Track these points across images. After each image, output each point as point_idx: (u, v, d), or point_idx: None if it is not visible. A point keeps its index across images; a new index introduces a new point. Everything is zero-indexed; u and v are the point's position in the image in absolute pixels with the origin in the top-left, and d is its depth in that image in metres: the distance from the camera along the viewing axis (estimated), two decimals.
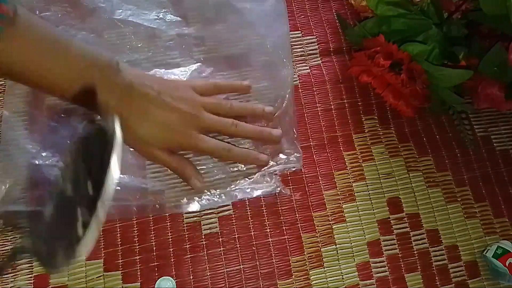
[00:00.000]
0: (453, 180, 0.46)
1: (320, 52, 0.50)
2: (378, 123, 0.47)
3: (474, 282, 0.43)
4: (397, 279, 0.42)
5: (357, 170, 0.45)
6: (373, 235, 0.43)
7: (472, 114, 0.49)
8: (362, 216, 0.43)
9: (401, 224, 0.44)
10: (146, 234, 0.41)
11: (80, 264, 0.39)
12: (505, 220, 0.45)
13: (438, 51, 0.43)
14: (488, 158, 0.47)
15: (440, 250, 0.43)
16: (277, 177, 0.43)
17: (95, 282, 0.39)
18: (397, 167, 0.46)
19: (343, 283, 0.41)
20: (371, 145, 0.46)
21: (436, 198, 0.45)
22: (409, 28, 0.44)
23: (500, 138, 0.48)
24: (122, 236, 0.41)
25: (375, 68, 0.43)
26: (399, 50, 0.42)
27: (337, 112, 0.47)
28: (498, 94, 0.44)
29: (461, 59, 0.43)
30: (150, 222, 0.41)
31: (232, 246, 0.41)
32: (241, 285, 0.40)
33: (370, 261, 0.42)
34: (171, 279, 0.39)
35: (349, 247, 0.42)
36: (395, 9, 0.43)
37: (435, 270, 0.43)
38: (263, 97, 0.46)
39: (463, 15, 0.44)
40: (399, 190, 0.45)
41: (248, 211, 0.42)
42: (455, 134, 0.48)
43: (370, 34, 0.44)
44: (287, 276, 0.41)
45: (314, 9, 0.52)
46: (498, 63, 0.41)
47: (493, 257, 0.41)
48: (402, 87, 0.43)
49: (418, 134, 0.47)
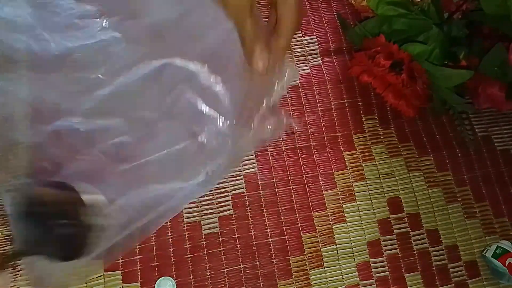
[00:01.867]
0: (453, 180, 0.46)
1: (320, 52, 0.50)
2: (379, 123, 0.47)
3: (474, 282, 0.43)
4: (397, 279, 0.42)
5: (357, 170, 0.45)
6: (373, 235, 0.43)
7: (472, 114, 0.49)
8: (362, 216, 0.43)
9: (401, 224, 0.44)
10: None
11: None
12: (505, 220, 0.45)
13: (439, 51, 0.43)
14: (488, 158, 0.47)
15: (440, 250, 0.43)
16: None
17: (95, 282, 0.39)
18: (397, 167, 0.46)
19: (343, 283, 0.41)
20: (371, 145, 0.46)
21: (436, 198, 0.45)
22: (409, 28, 0.44)
23: (501, 138, 0.48)
24: None
25: (375, 68, 0.43)
26: (399, 50, 0.42)
27: (338, 112, 0.47)
28: (498, 94, 0.44)
29: (461, 59, 0.43)
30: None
31: (232, 246, 0.41)
32: (241, 285, 0.40)
33: (370, 261, 0.42)
34: (171, 279, 0.39)
35: (349, 247, 0.42)
36: (395, 9, 0.43)
37: (435, 270, 0.43)
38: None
39: (463, 15, 0.44)
40: (399, 190, 0.45)
41: (248, 211, 0.42)
42: (455, 134, 0.48)
43: (371, 34, 0.44)
44: (287, 276, 0.41)
45: (314, 9, 0.52)
46: (499, 63, 0.41)
47: (493, 257, 0.41)
48: (403, 87, 0.43)
49: (419, 134, 0.47)
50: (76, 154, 0.39)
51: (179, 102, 0.42)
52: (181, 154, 0.41)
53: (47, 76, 0.41)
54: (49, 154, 0.39)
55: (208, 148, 0.41)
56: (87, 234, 0.34)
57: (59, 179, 0.37)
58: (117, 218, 0.38)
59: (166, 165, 0.40)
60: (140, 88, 0.42)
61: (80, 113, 0.40)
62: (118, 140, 0.40)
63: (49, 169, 0.39)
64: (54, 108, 0.40)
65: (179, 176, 0.41)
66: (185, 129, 0.42)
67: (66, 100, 0.41)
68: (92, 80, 0.41)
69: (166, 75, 0.42)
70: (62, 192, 0.35)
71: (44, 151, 0.39)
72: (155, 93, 0.42)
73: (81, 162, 0.39)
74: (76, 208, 0.34)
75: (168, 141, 0.41)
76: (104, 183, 0.38)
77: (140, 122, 0.41)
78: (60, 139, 0.40)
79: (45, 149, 0.39)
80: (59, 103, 0.40)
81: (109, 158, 0.40)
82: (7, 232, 0.40)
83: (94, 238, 0.34)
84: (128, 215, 0.39)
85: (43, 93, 0.40)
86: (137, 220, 0.39)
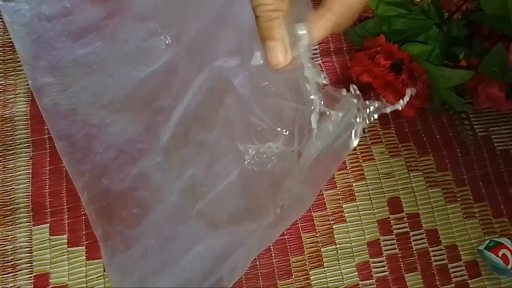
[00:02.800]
0: (453, 180, 0.46)
1: (320, 52, 0.50)
2: (378, 123, 0.47)
3: (475, 282, 0.43)
4: (397, 279, 0.42)
5: (357, 170, 0.45)
6: (373, 235, 0.43)
7: (472, 114, 0.49)
8: (362, 216, 0.43)
9: (401, 224, 0.44)
10: None
11: (80, 264, 0.40)
12: (504, 220, 0.45)
13: (439, 51, 0.43)
14: (488, 158, 0.47)
15: (439, 250, 0.43)
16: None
17: (95, 282, 0.39)
18: (397, 167, 0.46)
19: (343, 283, 0.41)
20: (371, 145, 0.46)
21: (436, 198, 0.45)
22: (409, 28, 0.44)
23: (501, 138, 0.48)
24: None
25: (375, 68, 0.43)
26: (399, 50, 0.42)
27: None
28: (498, 94, 0.44)
29: (461, 59, 0.43)
30: None
31: None
32: (241, 285, 0.40)
33: (370, 261, 0.42)
34: None
35: (349, 247, 0.42)
36: (395, 9, 0.43)
37: (435, 270, 0.43)
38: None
39: (463, 15, 0.44)
40: (399, 190, 0.45)
41: None
42: (455, 134, 0.48)
43: (371, 34, 0.44)
44: (287, 276, 0.41)
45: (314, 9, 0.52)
46: (499, 63, 0.41)
47: (485, 249, 0.41)
48: (403, 87, 0.43)
49: (419, 134, 0.47)
50: (160, 194, 0.37)
51: (229, 114, 0.36)
52: (242, 183, 0.36)
53: (126, 114, 0.40)
54: (137, 198, 0.37)
55: (271, 172, 0.34)
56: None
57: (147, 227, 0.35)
58: (192, 271, 0.35)
59: (228, 199, 0.36)
60: (203, 104, 0.38)
61: (159, 147, 0.38)
62: (190, 172, 0.37)
63: (138, 215, 0.37)
64: (136, 147, 0.39)
65: (247, 214, 0.35)
66: (238, 149, 0.35)
67: (145, 136, 0.39)
68: (166, 108, 0.39)
69: (214, 82, 0.38)
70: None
71: (131, 195, 0.37)
72: (211, 106, 0.38)
73: (167, 205, 0.37)
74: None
75: (226, 168, 0.36)
76: (185, 226, 0.36)
77: (202, 146, 0.38)
78: (146, 180, 0.38)
79: (132, 193, 0.38)
80: (140, 140, 0.39)
81: (185, 197, 0.37)
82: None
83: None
84: (202, 267, 0.35)
85: (125, 133, 0.39)
86: (211, 274, 0.35)
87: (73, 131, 0.40)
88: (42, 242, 0.40)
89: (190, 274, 0.35)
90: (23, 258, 0.39)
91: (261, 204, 0.35)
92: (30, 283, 0.39)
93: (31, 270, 0.39)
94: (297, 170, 0.30)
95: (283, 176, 0.33)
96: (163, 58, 0.41)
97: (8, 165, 0.42)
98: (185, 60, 0.40)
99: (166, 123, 0.39)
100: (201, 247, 0.35)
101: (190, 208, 0.36)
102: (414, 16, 0.43)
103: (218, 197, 0.36)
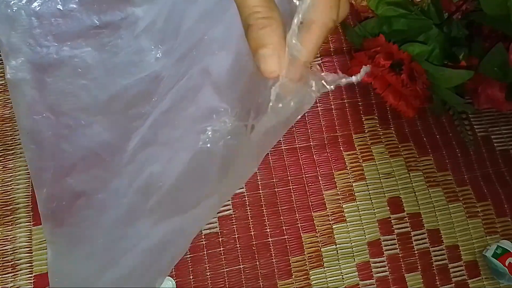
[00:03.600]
0: (453, 179, 0.46)
1: (320, 52, 0.50)
2: (378, 123, 0.47)
3: (474, 282, 0.43)
4: (397, 279, 0.42)
5: (357, 170, 0.45)
6: (373, 235, 0.43)
7: (472, 114, 0.49)
8: (362, 216, 0.43)
9: (402, 224, 0.44)
10: None
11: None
12: (507, 220, 0.45)
13: (439, 52, 0.43)
14: (488, 158, 0.47)
15: (440, 250, 0.43)
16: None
17: None
18: (397, 167, 0.46)
19: (343, 283, 0.41)
20: (371, 145, 0.46)
21: (437, 198, 0.45)
22: (409, 29, 0.44)
23: (501, 138, 0.48)
24: None
25: (375, 68, 0.43)
26: (399, 51, 0.42)
27: (337, 112, 0.47)
28: (498, 94, 0.44)
29: (461, 60, 0.43)
30: None
31: (232, 246, 0.41)
32: (241, 285, 0.40)
33: (370, 261, 0.42)
34: (171, 279, 0.39)
35: (349, 247, 0.42)
36: (395, 9, 0.44)
37: (435, 270, 0.43)
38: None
39: (463, 15, 0.44)
40: (400, 190, 0.45)
41: (248, 211, 0.42)
42: (455, 134, 0.48)
43: (371, 34, 0.44)
44: (287, 276, 0.41)
45: None
46: (499, 63, 0.41)
47: (493, 256, 0.41)
48: (403, 88, 0.43)
49: (419, 134, 0.47)
50: (116, 196, 0.38)
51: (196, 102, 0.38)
52: (193, 166, 0.36)
53: (103, 118, 0.40)
54: (94, 199, 0.38)
55: (220, 152, 0.35)
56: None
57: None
58: (132, 267, 0.36)
59: (180, 188, 0.37)
60: (177, 104, 0.39)
61: (128, 150, 0.39)
62: (149, 171, 0.38)
63: (92, 216, 0.37)
64: (107, 150, 0.39)
65: (194, 200, 0.36)
66: (196, 135, 0.36)
67: (118, 140, 0.39)
68: (143, 114, 0.40)
69: (196, 79, 0.39)
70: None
71: (91, 196, 0.38)
72: (184, 106, 0.39)
73: (119, 206, 0.37)
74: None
75: (183, 157, 0.37)
76: (134, 226, 0.36)
77: (166, 144, 0.38)
78: (107, 181, 0.38)
79: (92, 194, 0.38)
80: (113, 144, 0.39)
81: (139, 195, 0.37)
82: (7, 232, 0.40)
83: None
84: (142, 263, 0.37)
85: (99, 136, 0.40)
86: (151, 267, 0.37)
87: (43, 128, 0.39)
88: (42, 242, 0.40)
89: (129, 270, 0.36)
90: (23, 258, 0.39)
91: (208, 189, 0.36)
92: (30, 283, 0.39)
93: (31, 270, 0.39)
94: (246, 142, 0.31)
95: (232, 157, 0.34)
96: (151, 69, 0.42)
97: (8, 165, 0.42)
98: (172, 70, 0.41)
99: (141, 128, 0.39)
100: (144, 243, 0.36)
101: (144, 206, 0.37)
102: (414, 16, 0.43)
103: (172, 189, 0.37)
